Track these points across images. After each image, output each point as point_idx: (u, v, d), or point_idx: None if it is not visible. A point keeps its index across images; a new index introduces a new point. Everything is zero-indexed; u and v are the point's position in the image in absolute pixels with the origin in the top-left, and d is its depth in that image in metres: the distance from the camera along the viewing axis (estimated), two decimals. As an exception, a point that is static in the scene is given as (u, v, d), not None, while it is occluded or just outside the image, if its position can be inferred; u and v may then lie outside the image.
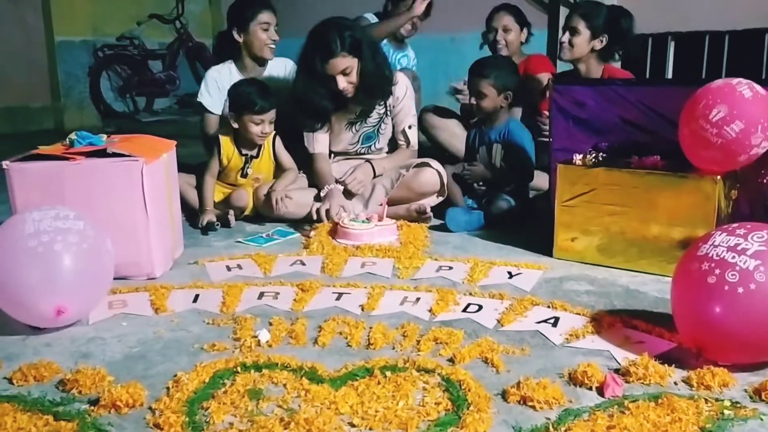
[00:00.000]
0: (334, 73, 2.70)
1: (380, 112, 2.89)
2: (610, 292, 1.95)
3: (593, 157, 2.21)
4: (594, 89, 2.32)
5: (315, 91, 2.76)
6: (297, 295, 1.95)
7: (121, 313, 1.83)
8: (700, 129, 1.88)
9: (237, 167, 2.83)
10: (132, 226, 2.04)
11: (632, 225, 2.10)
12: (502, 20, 3.39)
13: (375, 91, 2.81)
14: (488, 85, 2.70)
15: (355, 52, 2.69)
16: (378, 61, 2.78)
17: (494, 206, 2.67)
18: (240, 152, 2.83)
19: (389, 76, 2.85)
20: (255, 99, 2.73)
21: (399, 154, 2.93)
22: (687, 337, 1.51)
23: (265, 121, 2.74)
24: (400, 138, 2.93)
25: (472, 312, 1.80)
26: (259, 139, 2.79)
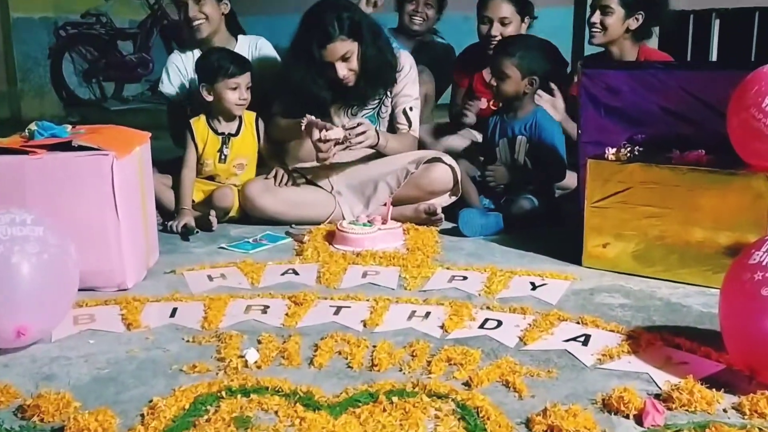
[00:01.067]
0: (332, 59, 2.71)
1: (380, 93, 2.90)
2: (649, 306, 1.94)
3: (628, 151, 2.21)
4: (629, 74, 2.32)
5: (313, 81, 2.77)
6: (289, 308, 1.95)
7: (88, 329, 1.83)
8: (752, 119, 1.88)
9: (214, 149, 2.84)
10: (101, 229, 2.04)
11: (673, 229, 2.10)
12: (498, 10, 3.18)
13: (378, 79, 2.82)
14: (512, 66, 2.70)
15: (354, 35, 2.71)
16: (380, 45, 2.80)
17: (515, 207, 2.67)
18: (216, 131, 2.84)
19: (393, 62, 2.85)
20: (226, 62, 2.79)
21: (401, 136, 2.93)
22: (738, 358, 1.51)
23: (241, 85, 2.78)
24: (400, 120, 2.94)
25: (491, 329, 1.80)
26: (238, 108, 2.82)
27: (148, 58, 7.26)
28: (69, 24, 6.89)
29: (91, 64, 7.09)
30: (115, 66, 7.17)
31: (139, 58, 7.24)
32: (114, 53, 7.15)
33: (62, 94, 6.79)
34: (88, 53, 7.07)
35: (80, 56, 7.05)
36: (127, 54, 7.22)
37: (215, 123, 2.86)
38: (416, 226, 2.72)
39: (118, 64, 7.17)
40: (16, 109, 6.42)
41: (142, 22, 7.30)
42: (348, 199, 2.84)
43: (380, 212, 2.71)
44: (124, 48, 7.26)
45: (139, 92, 7.56)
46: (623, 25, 2.91)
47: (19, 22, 6.36)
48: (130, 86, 7.48)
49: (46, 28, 6.58)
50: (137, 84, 7.54)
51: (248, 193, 2.80)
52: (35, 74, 6.50)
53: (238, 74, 2.79)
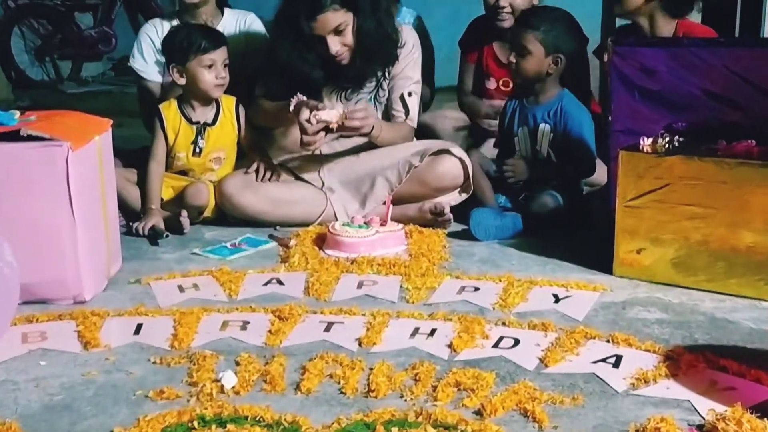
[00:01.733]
0: (323, 32, 2.71)
1: (377, 74, 2.91)
2: (690, 322, 1.95)
3: (666, 141, 2.21)
4: (667, 51, 2.32)
5: (301, 58, 2.77)
6: (273, 324, 1.95)
7: (39, 348, 1.83)
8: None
9: (187, 141, 2.85)
10: (54, 232, 2.04)
11: (719, 232, 2.10)
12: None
13: (376, 56, 2.82)
14: (535, 40, 2.70)
15: (349, 4, 2.71)
16: (379, 16, 2.81)
17: (536, 205, 2.67)
18: (189, 120, 2.84)
19: (394, 36, 2.86)
20: (197, 38, 2.78)
21: (396, 125, 2.94)
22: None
23: (217, 62, 2.78)
24: (396, 106, 2.94)
25: (506, 348, 1.80)
26: (216, 89, 2.81)
27: (110, 32, 7.24)
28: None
29: (44, 40, 7.07)
30: (73, 42, 7.14)
31: (100, 32, 7.22)
32: (71, 27, 7.13)
33: (11, 75, 6.76)
34: (41, 27, 7.06)
35: (32, 31, 7.04)
36: (86, 28, 7.20)
37: (188, 110, 2.85)
38: (420, 229, 2.72)
39: (76, 40, 7.15)
40: (-44, 92, 6.42)
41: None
42: (341, 196, 2.84)
43: (379, 212, 2.71)
44: (83, 21, 7.25)
45: (100, 72, 7.56)
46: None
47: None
48: (89, 65, 7.48)
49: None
50: (98, 63, 7.53)
51: (226, 190, 2.80)
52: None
53: (212, 49, 2.78)
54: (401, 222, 2.72)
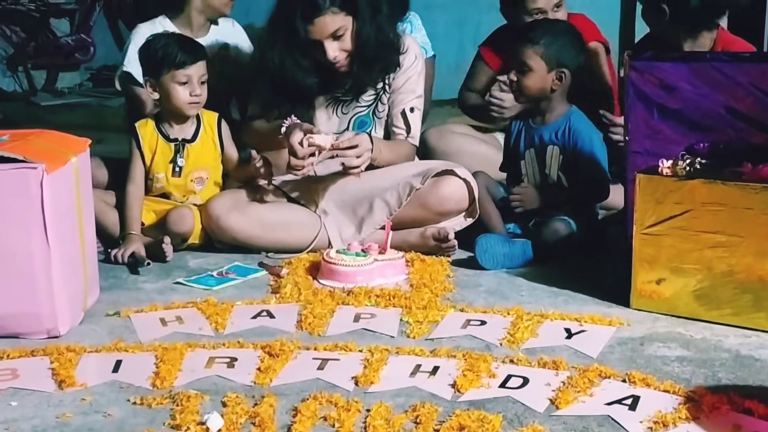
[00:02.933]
0: (321, 36, 2.75)
1: (377, 87, 2.94)
2: (713, 360, 1.96)
3: (687, 164, 2.23)
4: (689, 67, 2.35)
5: (296, 64, 2.80)
6: (262, 361, 1.96)
7: (9, 387, 1.84)
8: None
9: (165, 160, 2.87)
10: (27, 261, 2.06)
11: (745, 262, 2.11)
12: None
13: (376, 63, 2.86)
14: (535, 55, 2.74)
15: (348, 7, 2.75)
16: (379, 21, 2.84)
17: (547, 232, 2.69)
18: (167, 137, 2.86)
19: (395, 42, 2.89)
20: (173, 50, 2.80)
21: (396, 144, 2.96)
22: (824, 427, 1.52)
23: (192, 77, 2.80)
24: (397, 123, 2.97)
25: (515, 388, 1.81)
26: (190, 107, 2.83)
27: (88, 40, 7.32)
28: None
29: (17, 48, 7.14)
30: (48, 50, 7.22)
31: (77, 40, 7.30)
32: (46, 34, 7.22)
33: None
34: (13, 34, 7.12)
35: (4, 38, 7.12)
36: (62, 35, 7.29)
37: (166, 127, 2.88)
38: (422, 256, 2.74)
39: (51, 48, 7.22)
40: None
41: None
42: (336, 219, 2.86)
43: (377, 238, 2.73)
44: (59, 28, 7.32)
45: (77, 83, 7.61)
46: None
47: (-74, -4, 6.43)
48: (65, 76, 7.53)
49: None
50: (74, 73, 7.59)
51: (212, 211, 2.81)
52: (-53, 61, 6.56)
53: (189, 64, 2.80)
54: (402, 249, 2.74)
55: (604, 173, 2.77)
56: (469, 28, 5.86)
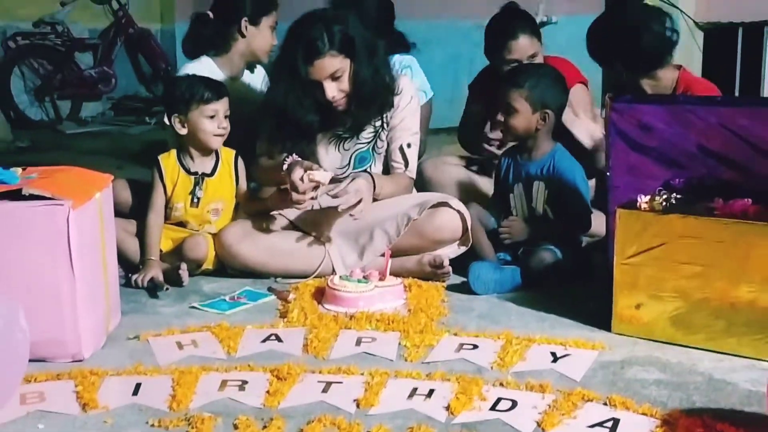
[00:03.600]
0: (320, 77, 2.77)
1: (376, 125, 2.96)
2: (688, 383, 1.97)
3: (664, 199, 2.25)
4: (665, 108, 2.37)
5: (298, 103, 2.83)
6: (271, 384, 1.97)
7: (36, 410, 1.85)
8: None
9: (185, 191, 2.89)
10: (54, 291, 2.08)
11: (718, 290, 2.13)
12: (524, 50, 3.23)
13: (372, 103, 2.88)
14: (520, 98, 2.76)
15: (346, 51, 2.77)
16: (376, 64, 2.86)
17: (535, 260, 2.70)
18: (188, 171, 2.89)
19: (390, 84, 2.92)
20: (200, 88, 2.85)
21: (396, 178, 2.99)
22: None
23: (219, 112, 2.84)
24: (396, 158, 2.99)
25: (504, 410, 1.82)
26: (216, 139, 2.87)
27: (110, 72, 7.35)
28: (19, 34, 6.98)
29: (44, 80, 7.15)
30: (72, 82, 7.23)
31: (100, 72, 7.32)
32: (71, 67, 7.23)
33: (10, 115, 6.83)
34: (40, 67, 7.14)
35: (32, 71, 7.13)
36: (85, 68, 7.30)
37: (187, 160, 2.90)
38: (419, 282, 2.75)
39: (76, 80, 7.24)
40: (-45, 133, 6.48)
41: (103, 32, 7.40)
42: (339, 247, 2.88)
43: (377, 264, 2.74)
44: (83, 61, 7.34)
45: (99, 112, 7.64)
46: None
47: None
48: (88, 105, 7.56)
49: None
50: (97, 102, 7.62)
51: (225, 239, 2.84)
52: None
53: (215, 100, 2.84)
54: (400, 274, 2.76)
55: (586, 206, 2.78)
56: (463, 62, 5.89)
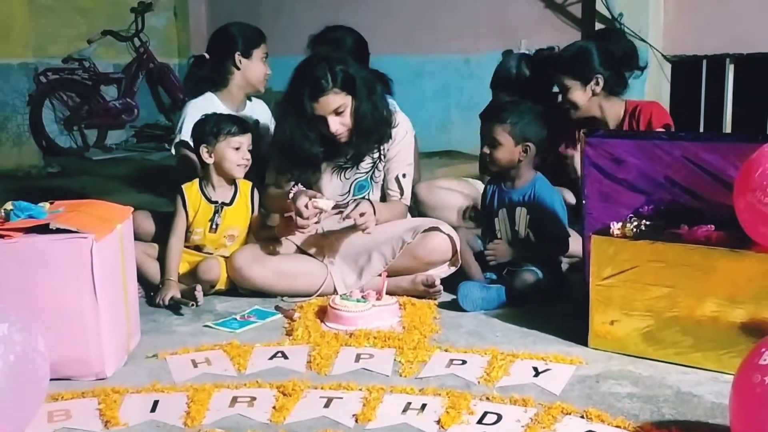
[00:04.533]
0: (325, 112, 2.78)
1: (374, 156, 2.97)
2: (658, 396, 1.96)
3: (634, 225, 2.25)
4: (634, 143, 2.37)
5: (304, 136, 2.83)
6: (277, 400, 1.96)
7: (62, 428, 1.84)
8: (758, 202, 1.92)
9: (205, 218, 2.89)
10: (78, 315, 2.07)
11: (684, 309, 2.13)
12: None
13: (372, 134, 2.88)
14: (503, 132, 2.76)
15: (348, 88, 2.78)
16: (374, 100, 2.87)
17: (518, 281, 2.69)
18: (209, 199, 2.89)
19: (388, 118, 2.92)
20: (227, 123, 2.89)
21: (392, 205, 2.99)
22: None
23: (243, 145, 2.87)
24: (392, 187, 2.99)
25: (490, 424, 1.82)
26: (239, 169, 2.88)
27: (132, 103, 7.37)
28: (50, 70, 6.99)
29: (72, 111, 7.17)
30: (99, 112, 7.25)
31: (124, 103, 7.34)
32: (97, 99, 7.25)
33: (42, 143, 6.84)
34: (69, 99, 7.16)
35: (61, 103, 7.14)
36: (110, 100, 7.32)
37: (209, 190, 2.91)
38: (413, 300, 2.75)
39: (102, 111, 7.26)
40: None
41: (126, 66, 7.42)
42: (340, 269, 2.88)
43: (375, 284, 2.74)
44: (108, 93, 7.36)
45: (123, 140, 7.65)
46: (587, 93, 3.12)
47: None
48: (113, 133, 7.57)
49: (26, 74, 6.63)
50: (121, 131, 7.63)
51: (236, 263, 2.83)
52: (13, 123, 6.52)
53: (240, 134, 2.88)
54: (395, 293, 2.76)
55: (564, 230, 2.78)
56: (453, 93, 5.91)
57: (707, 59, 5.06)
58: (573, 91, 3.11)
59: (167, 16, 7.85)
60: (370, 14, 6.26)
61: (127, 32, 7.28)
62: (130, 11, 7.29)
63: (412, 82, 6.00)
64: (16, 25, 6.52)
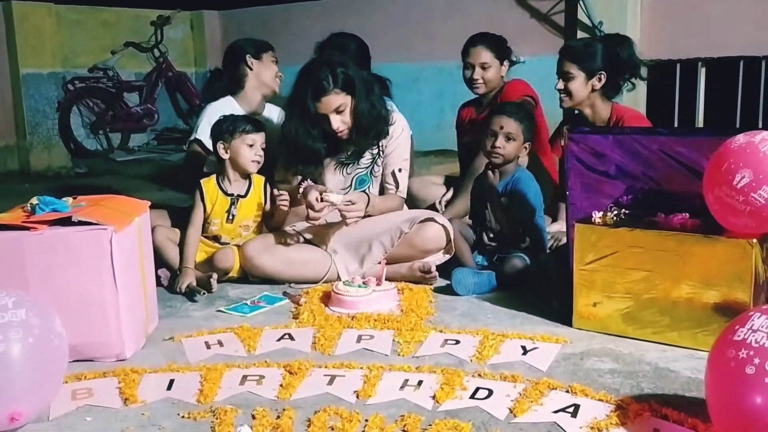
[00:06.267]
0: (327, 111, 2.75)
1: (373, 152, 2.93)
2: (638, 372, 1.93)
3: (615, 214, 2.22)
4: (614, 138, 2.33)
5: (308, 133, 2.80)
6: (284, 379, 1.93)
7: (85, 405, 1.82)
8: (725, 196, 1.89)
9: (222, 210, 2.85)
10: (99, 301, 2.04)
11: (660, 291, 2.09)
12: (479, 56, 3.38)
13: (370, 131, 2.85)
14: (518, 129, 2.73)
15: (348, 89, 2.76)
16: (373, 100, 2.84)
17: (507, 266, 2.66)
18: (225, 193, 2.86)
19: (385, 116, 2.89)
20: (243, 121, 2.87)
21: (388, 198, 2.95)
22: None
23: (257, 142, 2.84)
24: (389, 181, 2.96)
25: (481, 399, 1.79)
26: (253, 165, 2.86)
27: (153, 109, 7.33)
28: (77, 78, 6.95)
29: (98, 117, 7.13)
30: (122, 117, 7.21)
31: (145, 109, 7.30)
32: (120, 105, 7.20)
33: (70, 146, 6.80)
34: (95, 106, 7.11)
35: (88, 109, 7.10)
36: (133, 105, 7.27)
37: (225, 184, 2.89)
38: (411, 286, 2.71)
39: (125, 116, 7.22)
40: (25, 162, 6.44)
41: (147, 75, 7.38)
42: (343, 257, 2.84)
43: (375, 271, 2.70)
44: (130, 100, 7.32)
45: (145, 142, 7.61)
46: (587, 87, 3.01)
47: (28, 77, 6.40)
48: (135, 136, 7.52)
49: (55, 83, 6.61)
50: (143, 134, 7.59)
51: (247, 252, 2.80)
52: (44, 127, 6.52)
53: (255, 132, 2.86)
54: (394, 279, 2.72)
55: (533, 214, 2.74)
56: (448, 96, 5.86)
57: (681, 63, 5.02)
58: (575, 81, 2.99)
59: (184, 28, 7.80)
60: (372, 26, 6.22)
61: (147, 44, 7.25)
62: (150, 24, 7.27)
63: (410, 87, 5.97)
64: (46, 37, 6.51)
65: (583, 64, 2.98)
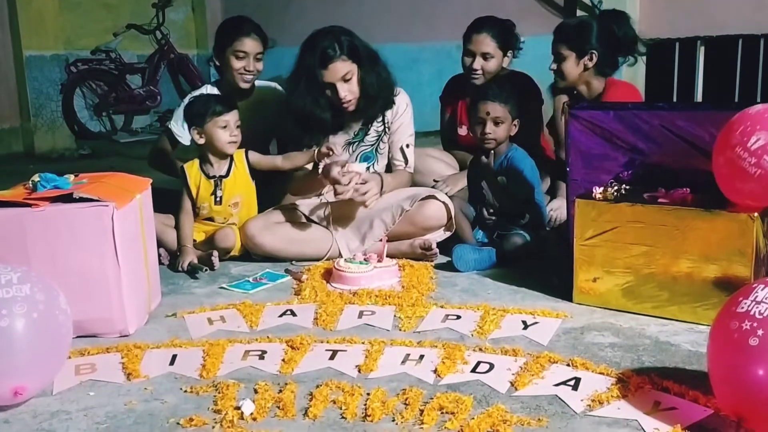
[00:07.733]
0: (334, 79, 2.71)
1: (378, 129, 2.89)
2: (638, 345, 1.90)
3: (615, 189, 2.18)
4: (615, 114, 2.29)
5: (315, 103, 2.76)
6: (286, 353, 1.91)
7: (89, 379, 1.79)
8: (737, 157, 1.84)
9: (208, 193, 2.81)
10: (102, 278, 2.01)
11: (661, 266, 2.06)
12: (482, 45, 3.22)
13: (377, 100, 2.82)
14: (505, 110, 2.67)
15: (354, 57, 2.72)
16: (378, 70, 2.81)
17: (507, 244, 2.63)
18: (207, 176, 2.82)
19: (391, 86, 2.86)
20: (213, 103, 2.78)
21: (398, 174, 2.91)
22: (725, 404, 1.47)
23: (230, 123, 2.76)
24: (397, 157, 2.92)
25: (483, 372, 1.76)
26: (230, 146, 2.78)
27: (155, 90, 7.29)
28: (80, 60, 6.90)
29: (101, 99, 7.10)
30: (125, 99, 7.17)
31: (148, 91, 7.26)
32: (123, 87, 7.16)
33: (74, 128, 6.77)
34: (98, 88, 7.08)
35: (91, 91, 7.06)
36: (135, 87, 7.23)
37: (207, 167, 2.82)
38: (411, 262, 2.68)
39: (128, 98, 7.18)
40: (29, 144, 6.41)
41: (149, 57, 7.33)
42: (344, 235, 2.82)
43: (376, 248, 2.67)
44: (133, 82, 7.28)
45: (148, 124, 7.57)
46: (579, 66, 2.95)
47: (31, 60, 6.35)
48: (138, 118, 7.49)
49: (58, 65, 6.56)
50: (145, 116, 7.55)
51: (248, 231, 2.77)
52: (47, 109, 6.48)
53: (226, 112, 2.76)
54: (395, 256, 2.70)
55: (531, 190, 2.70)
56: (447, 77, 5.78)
57: (680, 42, 4.97)
58: (567, 61, 2.94)
59: (186, 10, 7.73)
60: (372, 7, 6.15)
61: (149, 26, 7.18)
62: (151, 6, 7.18)
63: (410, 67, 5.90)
64: (48, 20, 6.44)
65: (574, 44, 2.93)
